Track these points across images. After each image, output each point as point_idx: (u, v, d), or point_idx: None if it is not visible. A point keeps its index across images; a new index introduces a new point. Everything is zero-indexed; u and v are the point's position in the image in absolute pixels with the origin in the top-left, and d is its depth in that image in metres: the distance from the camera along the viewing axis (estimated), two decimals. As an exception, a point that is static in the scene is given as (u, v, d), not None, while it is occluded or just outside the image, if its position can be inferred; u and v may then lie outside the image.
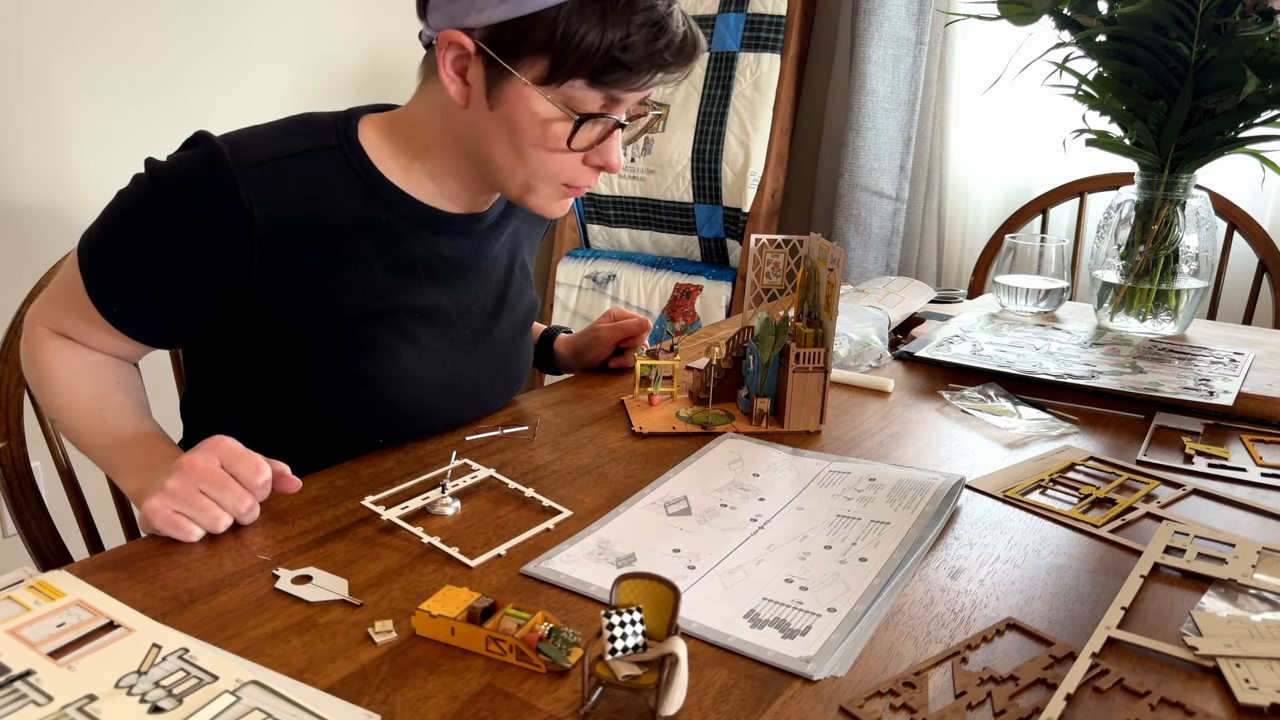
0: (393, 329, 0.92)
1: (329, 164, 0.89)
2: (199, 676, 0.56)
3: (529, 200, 0.91)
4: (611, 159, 0.89)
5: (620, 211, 2.66)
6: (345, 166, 0.89)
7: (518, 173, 0.89)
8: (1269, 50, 1.15)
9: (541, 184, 0.90)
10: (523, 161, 0.88)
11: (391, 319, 0.92)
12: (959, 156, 2.43)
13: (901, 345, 1.31)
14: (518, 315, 1.05)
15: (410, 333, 0.93)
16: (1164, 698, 0.59)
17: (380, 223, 0.91)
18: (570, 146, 0.86)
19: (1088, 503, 0.86)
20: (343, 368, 0.90)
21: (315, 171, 0.88)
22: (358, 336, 0.90)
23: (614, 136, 0.88)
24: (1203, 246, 1.30)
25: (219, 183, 0.83)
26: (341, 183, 0.89)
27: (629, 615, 0.56)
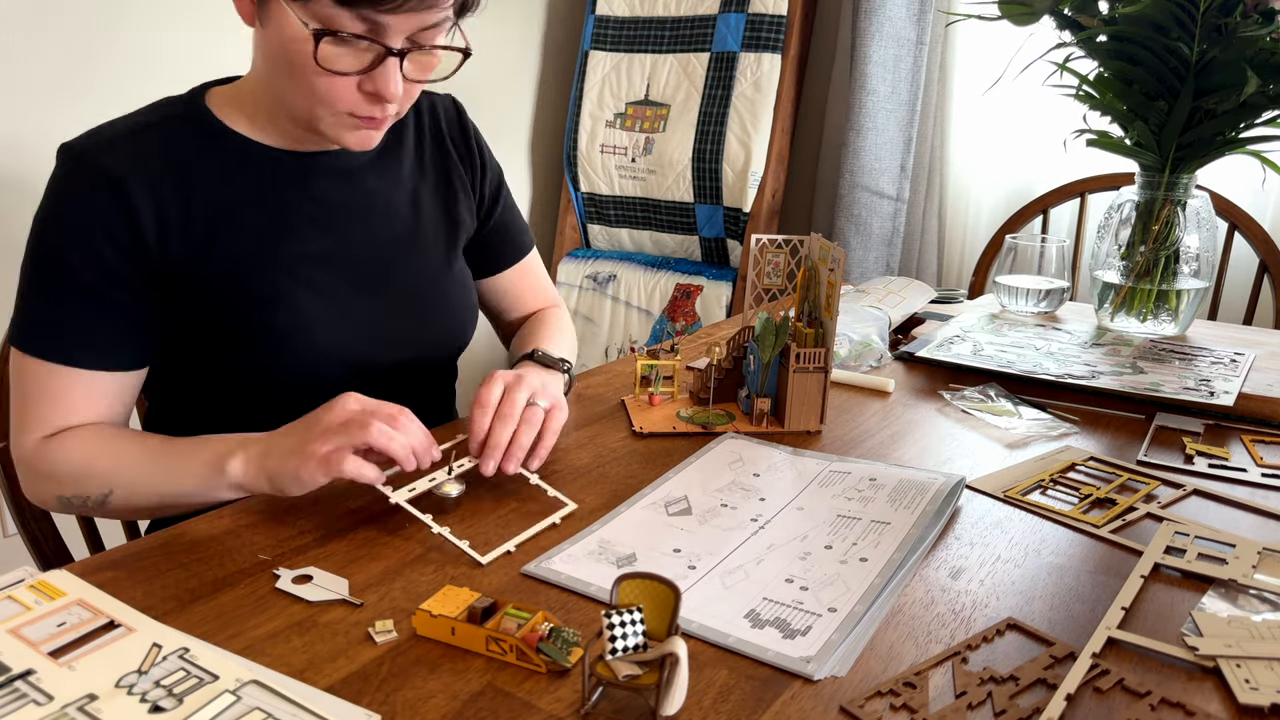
0: (289, 278, 0.93)
1: (179, 133, 0.92)
2: (199, 676, 0.56)
3: (320, 129, 0.89)
4: (384, 86, 0.84)
5: (620, 211, 2.66)
6: (194, 131, 0.92)
7: (298, 98, 0.87)
8: (1269, 50, 1.15)
9: (322, 110, 0.87)
10: (297, 85, 0.86)
11: (286, 268, 0.93)
12: (959, 156, 2.43)
13: (902, 345, 1.31)
14: (431, 253, 1.04)
15: (308, 279, 0.94)
16: (1164, 698, 0.59)
17: (244, 180, 0.93)
18: (319, 64, 0.82)
19: (1088, 503, 0.86)
20: (253, 323, 0.92)
21: (168, 141, 0.91)
22: (259, 290, 0.92)
23: (388, 63, 0.84)
24: (1203, 247, 1.30)
25: (88, 170, 0.87)
26: (195, 148, 0.92)
27: (629, 615, 0.56)
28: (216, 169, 0.92)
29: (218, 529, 0.77)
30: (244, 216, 0.92)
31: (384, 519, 0.79)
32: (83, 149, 0.88)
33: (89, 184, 0.87)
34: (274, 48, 0.86)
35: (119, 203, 0.87)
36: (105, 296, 0.88)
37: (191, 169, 0.91)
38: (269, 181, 0.94)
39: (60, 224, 0.88)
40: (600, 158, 2.63)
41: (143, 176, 0.88)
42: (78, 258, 0.87)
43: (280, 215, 0.94)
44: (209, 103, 0.95)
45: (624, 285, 2.62)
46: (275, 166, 0.95)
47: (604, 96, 2.64)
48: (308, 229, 0.95)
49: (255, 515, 0.80)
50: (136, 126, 0.91)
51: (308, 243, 0.95)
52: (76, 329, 0.88)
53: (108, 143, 0.89)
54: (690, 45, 2.54)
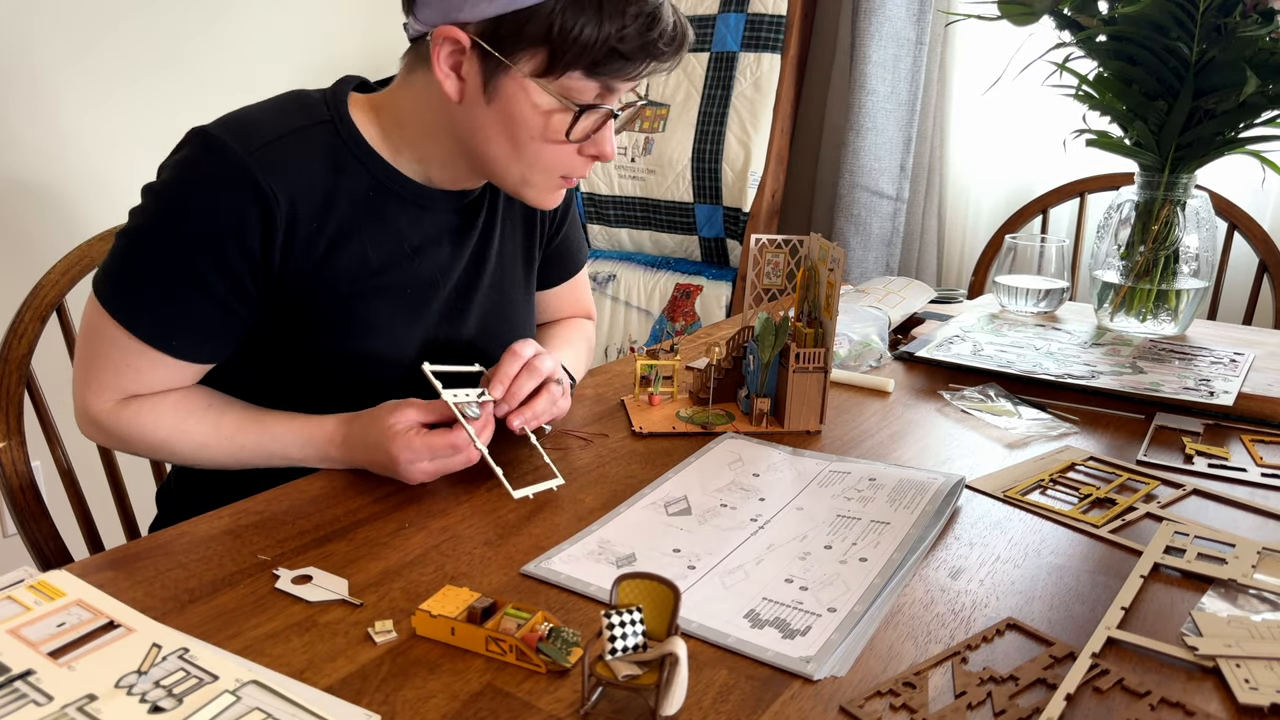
0: (385, 306, 0.94)
1: (323, 141, 0.90)
2: (199, 676, 0.56)
3: (525, 193, 0.93)
4: (606, 148, 0.90)
5: (620, 211, 2.66)
6: (339, 142, 0.91)
7: (514, 166, 0.90)
8: (1269, 50, 1.15)
9: (538, 176, 0.91)
10: (519, 154, 0.89)
11: (386, 296, 0.94)
12: (959, 156, 2.43)
13: (901, 345, 1.31)
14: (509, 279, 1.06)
15: (402, 309, 0.95)
16: (1164, 698, 0.59)
17: (370, 199, 0.92)
18: (569, 138, 0.87)
19: (1088, 503, 0.86)
20: (344, 345, 0.93)
21: (314, 146, 0.89)
22: (358, 315, 0.93)
23: (608, 126, 0.89)
24: (1203, 247, 1.30)
25: (235, 172, 0.84)
26: (335, 163, 0.90)
27: (629, 615, 0.56)
28: (350, 187, 0.91)
29: (218, 529, 0.77)
30: (360, 239, 0.92)
31: (384, 519, 0.80)
32: (230, 144, 0.85)
33: (231, 185, 0.84)
34: (499, 121, 0.87)
35: (260, 213, 0.85)
36: (217, 299, 0.88)
37: (335, 188, 0.90)
38: (387, 207, 0.93)
39: (190, 213, 0.85)
40: (600, 158, 2.63)
41: (290, 191, 0.86)
42: (204, 257, 0.85)
43: (390, 245, 0.94)
44: (352, 112, 0.93)
45: (624, 285, 2.62)
46: (401, 196, 0.94)
47: (604, 96, 2.64)
48: (413, 261, 0.95)
49: (255, 515, 0.80)
50: (287, 129, 0.88)
51: (409, 274, 0.95)
52: (179, 321, 0.88)
53: (259, 145, 0.85)
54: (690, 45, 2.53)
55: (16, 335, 1.06)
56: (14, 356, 1.06)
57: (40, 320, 1.08)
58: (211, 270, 0.86)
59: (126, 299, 0.87)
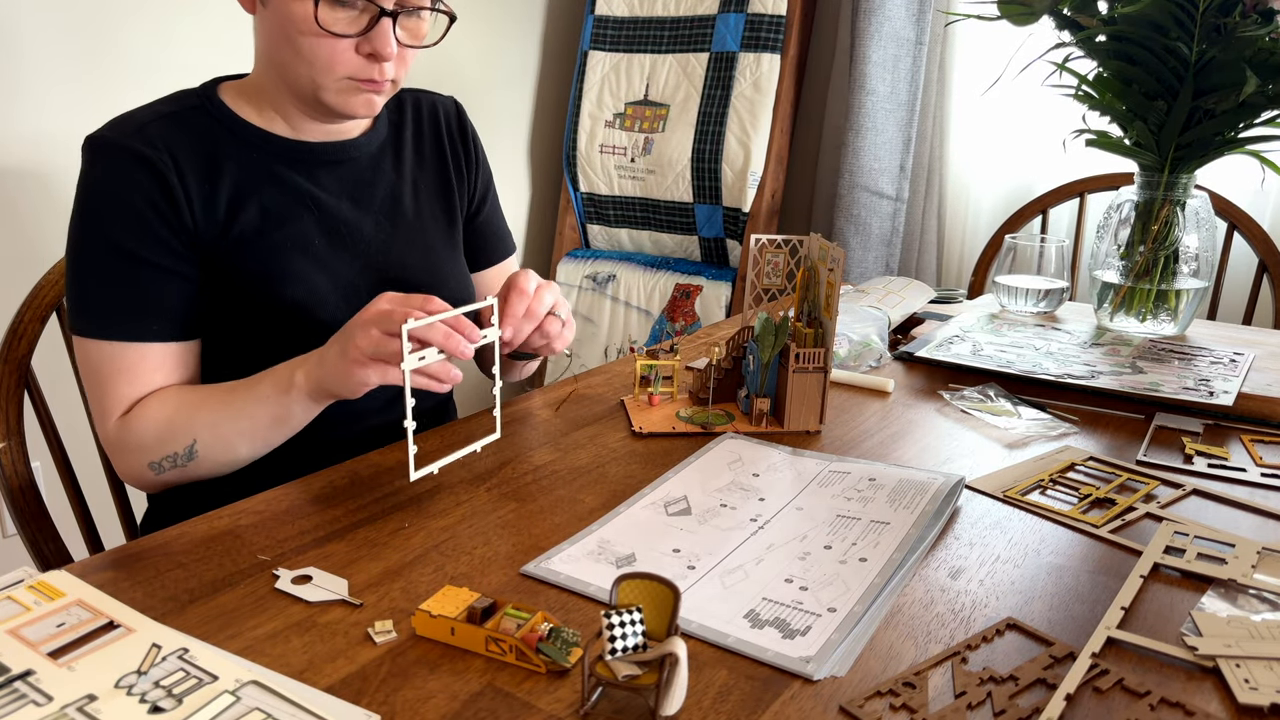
0: (299, 256, 0.98)
1: (195, 120, 0.97)
2: (199, 676, 0.56)
3: (324, 99, 0.95)
4: (380, 46, 0.92)
5: (620, 211, 2.66)
6: (210, 119, 0.97)
7: (300, 69, 0.93)
8: (1269, 50, 1.15)
9: (324, 77, 0.93)
10: (299, 55, 0.92)
11: (295, 248, 0.98)
12: (959, 156, 2.43)
13: (901, 345, 1.31)
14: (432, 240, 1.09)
15: (316, 258, 0.99)
16: (1164, 698, 0.59)
17: (256, 164, 0.98)
18: (321, 27, 0.90)
19: (1088, 503, 0.86)
20: (266, 298, 0.96)
21: (186, 128, 0.96)
22: (269, 268, 0.96)
23: (382, 24, 0.91)
24: (1202, 247, 1.30)
25: (120, 153, 0.92)
26: (211, 135, 0.96)
27: (629, 615, 0.56)
28: (233, 154, 0.97)
29: (217, 529, 0.77)
30: (258, 199, 0.97)
31: (384, 519, 0.80)
32: (111, 136, 0.93)
33: (125, 164, 0.91)
34: (276, 23, 0.92)
35: (155, 178, 0.92)
36: (158, 267, 0.92)
37: (212, 153, 0.96)
38: (279, 167, 0.99)
39: (103, 207, 0.92)
40: (599, 158, 2.63)
41: (172, 156, 0.93)
42: (124, 232, 0.91)
43: (289, 198, 0.99)
44: (221, 96, 1.00)
45: (623, 285, 2.62)
46: (284, 153, 1.00)
47: (603, 96, 2.64)
48: (315, 212, 1.00)
49: (255, 515, 0.80)
50: (159, 114, 0.96)
51: (315, 224, 1.00)
52: (134, 302, 0.92)
53: (136, 129, 0.93)
54: (689, 45, 2.54)
55: (16, 335, 1.06)
56: (14, 357, 1.06)
57: (40, 320, 1.08)
58: (134, 238, 0.91)
59: (87, 314, 0.92)
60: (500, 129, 2.73)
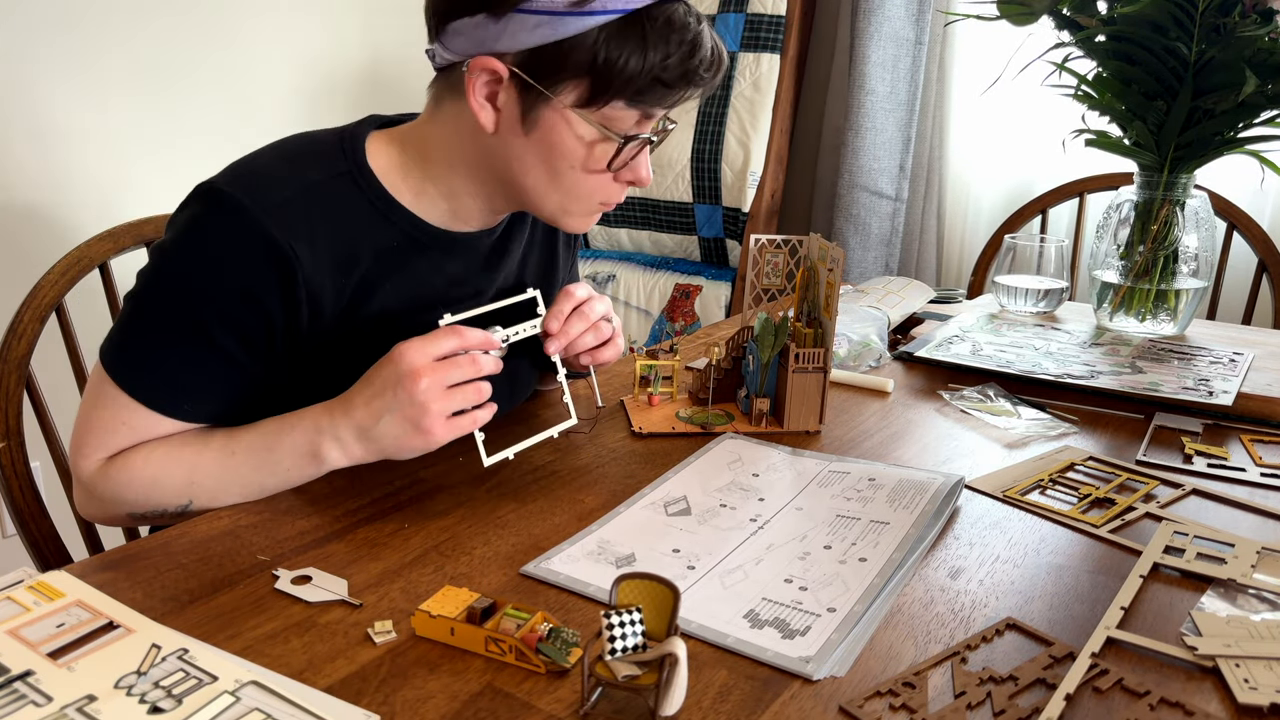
0: None
1: (341, 195, 0.87)
2: (198, 677, 0.56)
3: (563, 220, 0.91)
4: (643, 173, 0.89)
5: (620, 211, 2.66)
6: (357, 192, 0.87)
7: (552, 195, 0.88)
8: (1268, 50, 1.15)
9: (576, 204, 0.89)
10: (558, 184, 0.87)
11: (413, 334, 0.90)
12: (959, 156, 2.43)
13: (901, 345, 1.31)
14: None
15: None
16: (1164, 698, 0.59)
17: (392, 248, 0.89)
18: (610, 168, 0.86)
19: (1087, 503, 0.86)
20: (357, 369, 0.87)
21: (331, 202, 0.86)
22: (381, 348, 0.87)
23: (644, 152, 0.88)
24: (1202, 246, 1.30)
25: (253, 231, 0.81)
26: (354, 216, 0.87)
27: (629, 615, 0.56)
28: (372, 239, 0.88)
29: (217, 529, 0.77)
30: (386, 288, 0.89)
31: (384, 519, 0.80)
32: (243, 203, 0.81)
33: (248, 246, 0.81)
34: (542, 151, 0.85)
35: (280, 275, 0.82)
36: (229, 359, 0.84)
37: (353, 239, 0.87)
38: (410, 254, 0.91)
39: (203, 276, 0.82)
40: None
41: (310, 249, 0.83)
42: (217, 318, 0.82)
43: (413, 290, 0.92)
44: (371, 162, 0.89)
45: (623, 285, 2.62)
46: (424, 242, 0.92)
47: (603, 96, 2.64)
48: (437, 307, 0.91)
49: (255, 516, 0.80)
50: (304, 186, 0.85)
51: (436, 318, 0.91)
52: (187, 384, 0.84)
53: (276, 205, 0.82)
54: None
55: (16, 335, 1.06)
56: (13, 357, 1.06)
57: (40, 321, 1.08)
58: (226, 332, 0.82)
59: (129, 359, 0.84)
60: (500, 129, 2.73)
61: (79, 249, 1.12)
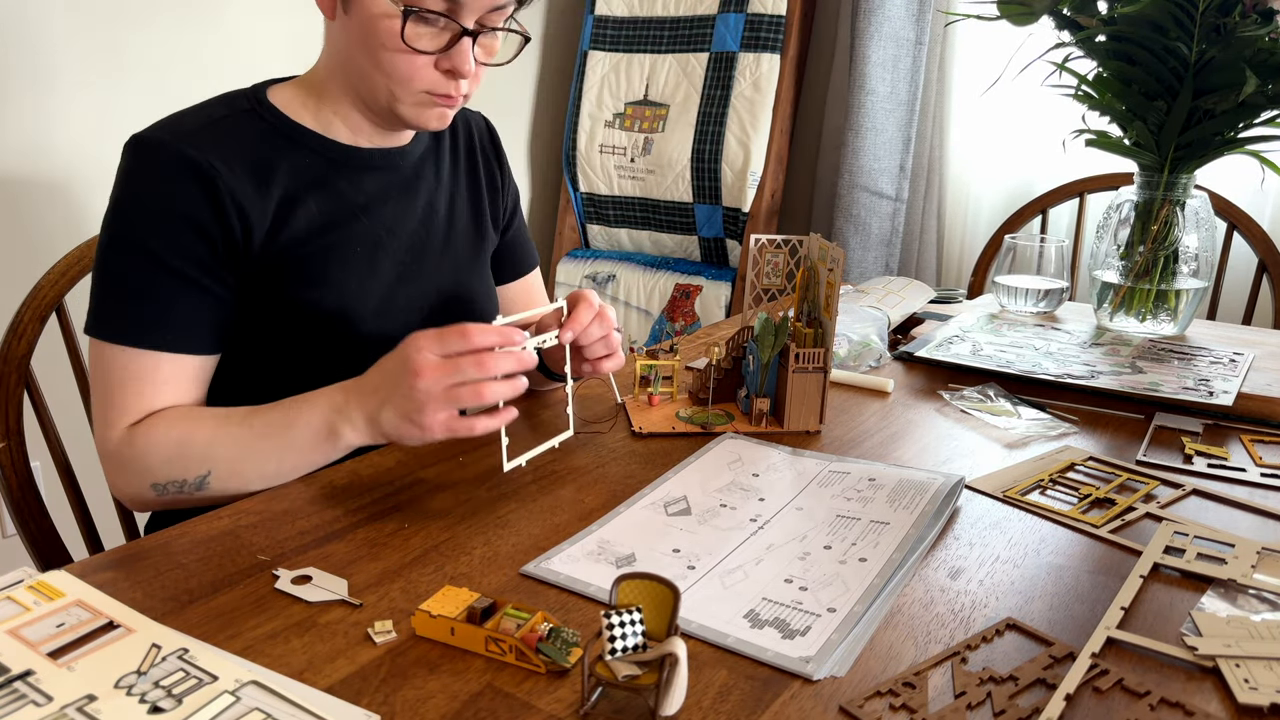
0: (339, 264, 0.97)
1: (247, 125, 0.95)
2: (199, 677, 0.56)
3: (399, 111, 0.95)
4: (459, 63, 0.92)
5: (620, 211, 2.66)
6: (263, 123, 0.96)
7: (378, 80, 0.93)
8: (1269, 50, 1.15)
9: (401, 91, 0.93)
10: (379, 66, 0.92)
11: (337, 255, 0.97)
12: (959, 156, 2.43)
13: (901, 345, 1.31)
14: (461, 252, 1.10)
15: (356, 266, 0.98)
16: (1164, 698, 0.59)
17: (306, 167, 0.97)
18: (406, 43, 0.90)
19: (1087, 503, 0.86)
20: (305, 304, 0.95)
21: (238, 133, 0.94)
22: (311, 274, 0.95)
23: (463, 42, 0.92)
24: (1202, 246, 1.30)
25: (170, 158, 0.89)
26: (263, 140, 0.95)
27: (629, 615, 0.56)
28: (285, 160, 0.96)
29: (217, 529, 0.77)
30: (305, 205, 0.96)
31: (384, 519, 0.80)
32: (161, 138, 0.90)
33: (172, 171, 0.89)
34: (358, 33, 0.92)
35: (204, 189, 0.89)
36: (187, 279, 0.90)
37: (265, 160, 0.94)
38: (328, 173, 0.98)
39: (143, 212, 0.89)
40: (599, 158, 2.63)
41: (225, 164, 0.91)
42: (160, 242, 0.89)
43: (335, 205, 0.98)
44: (272, 99, 0.99)
45: (623, 285, 2.62)
46: (334, 159, 0.99)
47: (603, 96, 2.64)
48: (359, 218, 1.00)
49: (255, 516, 0.80)
50: (210, 119, 0.94)
51: (357, 231, 0.99)
52: (158, 312, 0.90)
53: (187, 133, 0.91)
54: (689, 45, 2.54)
55: (16, 335, 1.06)
56: (14, 356, 1.06)
57: (40, 320, 1.08)
58: (170, 251, 0.89)
59: (107, 315, 0.89)
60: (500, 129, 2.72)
61: (79, 248, 1.12)
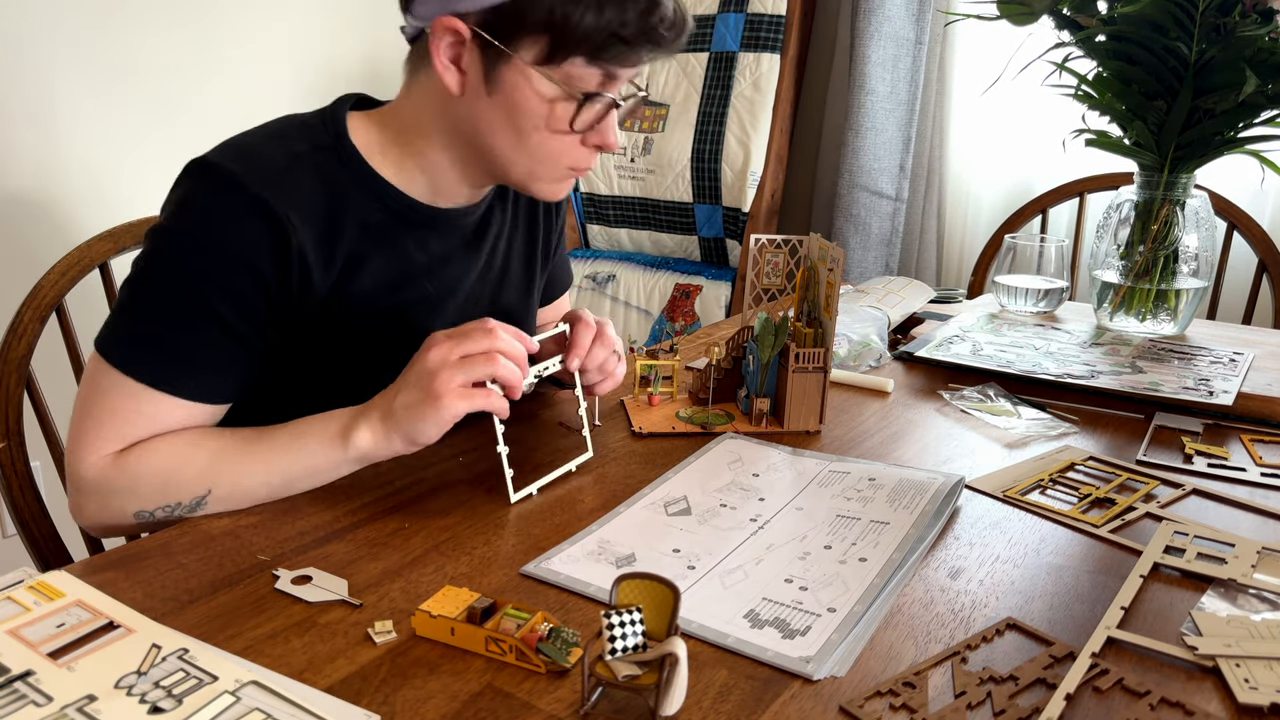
0: (399, 323, 0.93)
1: (325, 167, 0.88)
2: (199, 677, 0.56)
3: (533, 186, 0.92)
4: (609, 137, 0.90)
5: (620, 211, 2.66)
6: (340, 168, 0.89)
7: (520, 158, 0.89)
8: (1269, 50, 1.15)
9: (544, 168, 0.90)
10: (524, 146, 0.88)
11: (397, 316, 0.93)
12: (959, 156, 2.43)
13: (901, 345, 1.31)
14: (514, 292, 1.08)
15: (417, 326, 0.94)
16: (1164, 698, 0.59)
17: (377, 224, 0.91)
18: (573, 127, 0.87)
19: (1087, 503, 0.86)
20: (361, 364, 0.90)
21: (316, 178, 0.87)
22: (373, 327, 0.92)
23: (611, 115, 0.89)
24: (1202, 246, 1.30)
25: (243, 199, 0.82)
26: (339, 187, 0.89)
27: (629, 615, 0.56)
28: (357, 211, 0.89)
29: (217, 529, 0.77)
30: (370, 263, 0.91)
31: (384, 519, 0.80)
32: (235, 173, 0.82)
33: (243, 213, 0.82)
34: (503, 114, 0.86)
35: (275, 241, 0.83)
36: (229, 329, 0.84)
37: (338, 212, 0.88)
38: (397, 232, 0.93)
39: (202, 249, 0.82)
40: (599, 158, 2.63)
41: (299, 217, 0.84)
42: (217, 290, 0.82)
43: (401, 266, 0.93)
44: (353, 136, 0.91)
45: (623, 285, 2.62)
46: (405, 218, 0.93)
47: (603, 96, 2.64)
48: (422, 281, 0.95)
49: (255, 516, 0.80)
50: (290, 156, 0.86)
51: (420, 294, 0.95)
52: (190, 359, 0.83)
53: (266, 174, 0.84)
54: (689, 45, 2.53)
55: (16, 335, 1.06)
56: (14, 356, 1.06)
57: (40, 320, 1.08)
58: (222, 299, 0.82)
59: (128, 341, 0.83)
60: (500, 129, 2.72)
61: (79, 249, 1.12)
